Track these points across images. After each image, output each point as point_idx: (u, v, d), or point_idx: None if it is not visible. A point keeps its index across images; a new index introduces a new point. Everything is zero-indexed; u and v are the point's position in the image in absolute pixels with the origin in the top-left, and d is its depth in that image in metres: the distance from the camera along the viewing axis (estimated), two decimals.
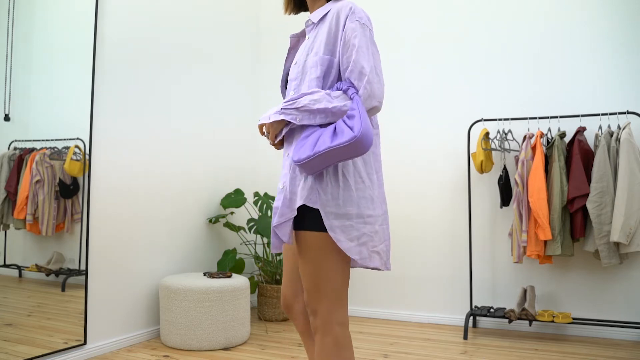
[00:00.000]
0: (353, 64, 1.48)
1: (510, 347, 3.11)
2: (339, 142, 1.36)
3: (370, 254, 1.49)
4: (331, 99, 1.47)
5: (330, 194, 1.46)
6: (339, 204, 1.46)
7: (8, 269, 2.47)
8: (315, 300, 1.50)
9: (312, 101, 1.47)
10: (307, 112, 1.48)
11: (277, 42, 4.39)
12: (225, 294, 3.07)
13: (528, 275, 3.49)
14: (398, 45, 3.94)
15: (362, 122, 1.36)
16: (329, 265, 1.48)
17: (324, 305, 1.49)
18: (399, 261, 3.85)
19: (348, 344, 1.50)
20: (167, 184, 3.42)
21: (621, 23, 3.34)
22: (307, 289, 1.51)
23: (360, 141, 1.35)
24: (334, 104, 1.46)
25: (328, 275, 1.48)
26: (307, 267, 1.50)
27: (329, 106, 1.46)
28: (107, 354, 2.90)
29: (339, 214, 1.46)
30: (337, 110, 1.46)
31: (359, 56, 1.48)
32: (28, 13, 2.55)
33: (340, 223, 1.46)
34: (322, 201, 1.46)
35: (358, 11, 1.54)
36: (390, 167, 3.91)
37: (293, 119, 1.49)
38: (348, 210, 1.47)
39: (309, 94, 1.49)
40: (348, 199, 1.47)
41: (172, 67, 3.46)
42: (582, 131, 3.21)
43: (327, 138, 1.40)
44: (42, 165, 2.62)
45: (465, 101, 3.72)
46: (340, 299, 1.50)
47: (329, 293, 1.49)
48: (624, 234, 2.92)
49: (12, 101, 2.46)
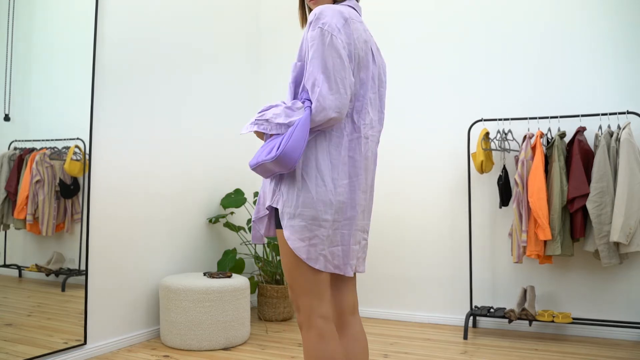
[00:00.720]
0: (308, 75, 1.51)
1: (510, 347, 3.11)
2: (265, 159, 1.46)
3: (317, 256, 1.53)
4: (291, 113, 1.51)
5: (287, 195, 1.53)
6: (297, 205, 1.51)
7: (8, 269, 2.47)
8: (295, 295, 1.58)
9: (274, 115, 1.54)
10: (275, 125, 1.53)
11: (278, 42, 4.39)
12: (225, 294, 3.07)
13: (528, 275, 3.49)
14: (398, 45, 3.94)
15: (289, 140, 1.43)
16: (294, 261, 1.54)
17: (304, 300, 1.55)
18: (399, 261, 3.86)
19: (331, 337, 1.54)
20: (167, 184, 3.42)
21: (621, 23, 3.34)
22: (289, 284, 1.60)
23: (280, 159, 1.43)
24: (292, 118, 1.50)
25: (299, 270, 1.54)
26: (283, 263, 1.59)
27: (286, 121, 1.51)
28: (107, 354, 2.90)
29: (294, 214, 1.52)
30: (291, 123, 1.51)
31: (313, 67, 1.49)
32: (28, 13, 2.55)
33: (294, 223, 1.52)
34: (282, 201, 1.54)
35: (324, 16, 1.52)
36: (390, 167, 3.91)
37: (265, 130, 1.55)
38: (303, 211, 1.51)
39: (274, 107, 1.56)
40: (305, 200, 1.51)
41: (172, 67, 3.46)
42: (582, 131, 3.22)
43: (267, 151, 1.49)
44: (42, 165, 2.62)
45: (465, 101, 3.72)
46: (319, 293, 1.55)
47: (305, 288, 1.55)
48: (624, 234, 2.92)
49: (12, 101, 2.46)
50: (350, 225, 1.58)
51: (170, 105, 3.45)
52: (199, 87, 3.73)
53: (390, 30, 3.97)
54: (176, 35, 3.51)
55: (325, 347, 1.52)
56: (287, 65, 4.30)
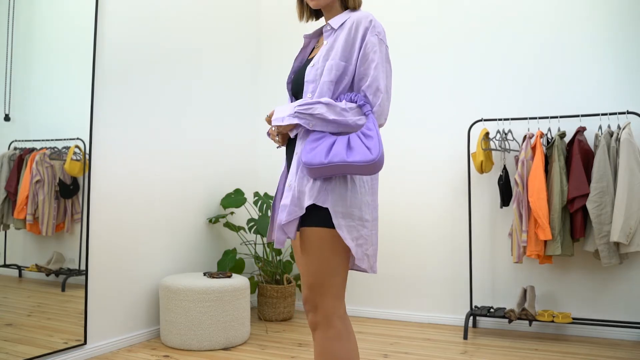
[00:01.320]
0: (371, 79, 1.54)
1: (510, 347, 3.11)
2: (357, 160, 1.42)
3: (362, 256, 1.55)
4: (347, 112, 1.52)
5: (339, 194, 1.51)
6: (346, 204, 1.52)
7: (8, 269, 2.47)
8: (319, 295, 1.54)
9: (328, 111, 1.51)
10: (322, 120, 1.52)
11: (278, 45, 4.39)
12: (225, 294, 3.07)
13: (528, 275, 3.49)
14: (398, 45, 3.94)
15: (380, 145, 1.44)
16: (334, 261, 1.53)
17: (327, 300, 1.54)
18: (399, 261, 3.86)
19: (350, 335, 1.55)
20: (167, 184, 3.42)
21: (621, 23, 3.34)
22: (310, 284, 1.55)
23: (377, 164, 1.43)
24: (349, 117, 1.52)
25: (333, 271, 1.53)
26: (313, 263, 1.54)
27: (343, 119, 1.52)
28: (107, 354, 2.90)
29: (345, 214, 1.51)
30: (352, 124, 1.52)
31: (378, 73, 1.54)
32: (28, 13, 2.55)
33: (346, 222, 1.51)
34: (331, 200, 1.51)
35: (377, 25, 1.60)
36: (390, 167, 3.91)
37: (306, 124, 1.53)
38: (353, 211, 1.52)
39: (325, 104, 1.52)
40: (354, 200, 1.53)
41: (172, 67, 3.46)
42: (582, 131, 3.21)
43: (342, 150, 1.45)
44: (42, 165, 2.62)
45: (465, 101, 3.72)
46: (341, 294, 1.56)
47: (332, 289, 1.54)
48: (624, 234, 2.92)
49: (12, 101, 2.46)
50: (376, 225, 1.64)
51: (170, 105, 3.45)
52: (199, 86, 3.73)
53: (391, 30, 3.97)
54: (176, 35, 3.51)
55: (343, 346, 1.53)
56: (286, 62, 4.30)
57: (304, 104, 1.53)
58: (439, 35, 3.83)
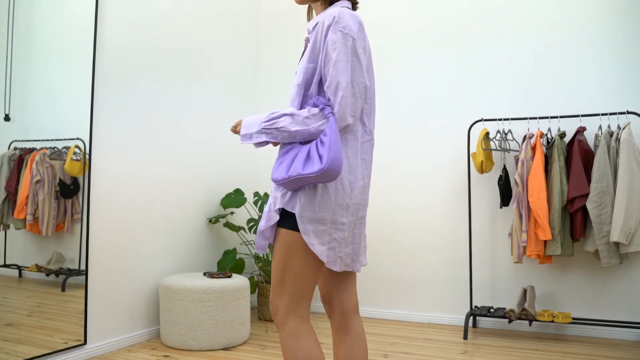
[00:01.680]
0: (331, 79, 1.50)
1: (510, 347, 3.11)
2: (309, 172, 1.42)
3: (335, 259, 1.55)
4: (309, 119, 1.50)
5: (307, 199, 1.51)
6: (315, 209, 1.50)
7: (8, 269, 2.47)
8: (278, 296, 1.56)
9: (291, 123, 1.51)
10: (287, 133, 1.52)
11: (278, 45, 4.39)
12: (225, 294, 3.07)
13: (528, 275, 3.49)
14: (398, 45, 3.94)
15: (331, 151, 1.41)
16: (297, 264, 1.53)
17: (284, 300, 1.55)
18: (398, 261, 3.86)
19: (304, 336, 1.54)
20: (167, 184, 3.42)
21: (621, 23, 3.34)
22: (273, 284, 1.58)
23: (326, 173, 1.40)
24: (311, 124, 1.50)
25: (295, 274, 1.54)
26: (277, 264, 1.56)
27: (306, 128, 1.50)
28: (107, 354, 2.90)
29: (313, 219, 1.50)
30: (315, 130, 1.50)
31: (336, 70, 1.49)
32: (28, 13, 2.55)
33: (314, 227, 1.50)
34: (299, 206, 1.50)
35: (343, 20, 1.52)
36: (390, 167, 3.91)
37: (274, 139, 1.54)
38: (323, 215, 1.51)
39: (290, 114, 1.52)
40: (324, 205, 1.51)
41: (172, 67, 3.46)
42: (582, 131, 3.21)
43: (300, 162, 1.46)
44: (42, 165, 2.62)
45: (465, 101, 3.72)
46: (302, 296, 1.56)
47: (291, 290, 1.54)
48: (624, 234, 2.92)
49: (12, 101, 2.46)
50: (362, 224, 1.62)
51: (170, 105, 3.45)
52: (200, 86, 3.73)
53: (391, 30, 3.97)
54: (177, 35, 3.51)
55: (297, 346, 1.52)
56: (286, 63, 4.30)
57: (269, 119, 1.54)
58: (439, 35, 3.83)
